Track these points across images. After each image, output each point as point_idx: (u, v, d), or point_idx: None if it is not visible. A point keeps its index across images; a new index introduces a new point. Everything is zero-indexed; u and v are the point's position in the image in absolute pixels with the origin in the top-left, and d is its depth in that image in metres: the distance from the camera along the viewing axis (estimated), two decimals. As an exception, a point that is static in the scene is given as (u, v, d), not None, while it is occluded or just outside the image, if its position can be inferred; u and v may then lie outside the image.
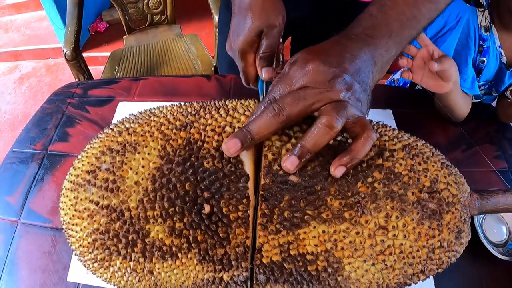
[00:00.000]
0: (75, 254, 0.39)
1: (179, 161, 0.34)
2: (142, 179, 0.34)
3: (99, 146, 0.38)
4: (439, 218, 0.34)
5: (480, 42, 0.75)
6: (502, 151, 0.65)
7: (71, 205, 0.37)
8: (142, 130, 0.37)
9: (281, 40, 0.44)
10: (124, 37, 1.37)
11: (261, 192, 0.33)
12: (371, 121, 0.40)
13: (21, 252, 0.50)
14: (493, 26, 0.74)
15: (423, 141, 0.39)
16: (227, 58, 0.49)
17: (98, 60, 2.13)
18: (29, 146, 0.63)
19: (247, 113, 0.37)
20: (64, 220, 0.39)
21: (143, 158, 0.35)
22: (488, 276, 0.50)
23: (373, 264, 0.33)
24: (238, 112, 0.37)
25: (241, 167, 0.34)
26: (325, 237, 0.32)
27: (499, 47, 0.75)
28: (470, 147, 0.65)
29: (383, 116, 0.67)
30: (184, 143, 0.35)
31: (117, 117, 0.66)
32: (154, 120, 0.38)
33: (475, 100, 0.86)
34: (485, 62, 0.76)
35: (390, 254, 0.33)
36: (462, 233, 0.36)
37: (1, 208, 0.56)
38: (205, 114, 0.37)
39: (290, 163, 0.32)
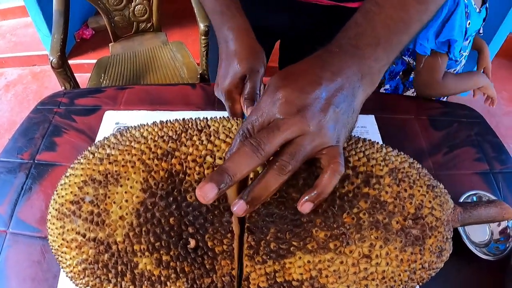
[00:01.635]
0: (67, 276, 0.40)
1: (162, 195, 0.34)
2: (127, 213, 0.34)
3: (81, 175, 0.37)
4: (421, 243, 0.34)
5: (466, 10, 0.79)
6: (483, 153, 0.66)
7: (59, 234, 0.37)
8: (123, 159, 0.36)
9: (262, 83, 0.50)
10: (110, 44, 1.35)
11: (247, 225, 0.33)
12: (359, 138, 0.39)
13: (10, 261, 0.50)
14: None
15: (411, 160, 0.38)
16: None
17: (84, 67, 2.07)
18: (17, 156, 0.62)
19: (228, 139, 0.36)
20: (52, 246, 0.39)
21: (126, 192, 0.34)
22: (471, 277, 0.50)
23: None
24: (219, 139, 0.36)
25: (224, 201, 0.33)
26: (310, 266, 0.33)
27: (474, 4, 0.81)
28: (451, 150, 0.66)
29: (366, 122, 0.67)
30: (166, 175, 0.34)
31: (103, 126, 0.66)
32: (134, 148, 0.37)
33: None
34: (470, 23, 0.82)
35: (373, 279, 0.34)
36: (444, 251, 0.37)
37: (-11, 218, 0.55)
38: (187, 140, 0.36)
39: (239, 208, 0.30)
